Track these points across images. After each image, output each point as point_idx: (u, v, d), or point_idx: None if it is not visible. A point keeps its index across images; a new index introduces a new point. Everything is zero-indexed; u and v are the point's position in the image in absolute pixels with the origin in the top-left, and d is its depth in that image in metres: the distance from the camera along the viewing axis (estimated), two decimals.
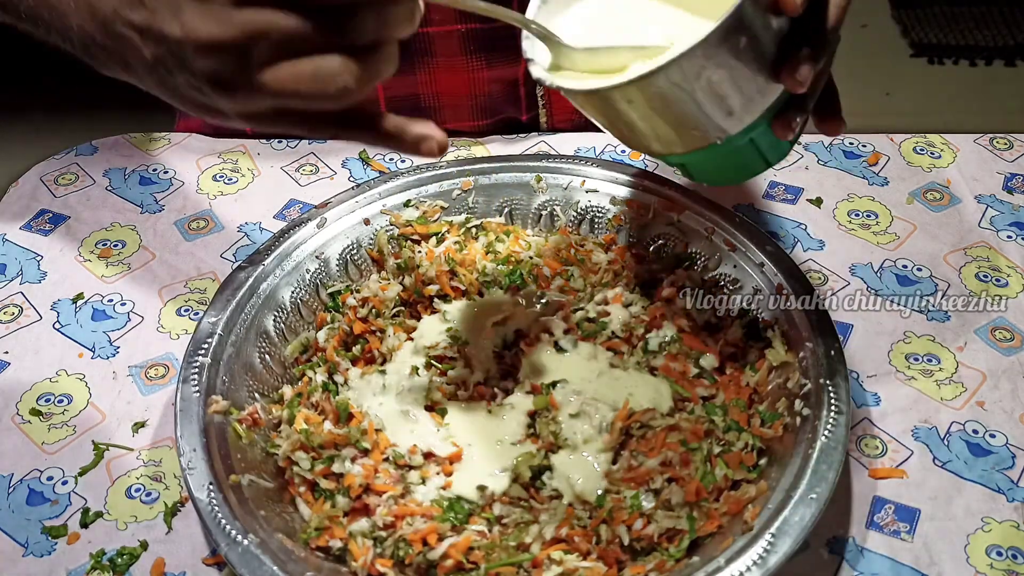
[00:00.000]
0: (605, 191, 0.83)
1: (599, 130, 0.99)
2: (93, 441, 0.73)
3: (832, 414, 0.65)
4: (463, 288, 0.78)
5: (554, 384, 0.71)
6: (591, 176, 0.84)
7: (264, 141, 0.99)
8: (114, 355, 0.79)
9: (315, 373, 0.73)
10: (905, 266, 0.85)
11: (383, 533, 0.63)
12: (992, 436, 0.72)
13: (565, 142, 0.98)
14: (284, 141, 0.99)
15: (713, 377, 0.72)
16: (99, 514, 0.69)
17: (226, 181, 0.95)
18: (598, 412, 0.68)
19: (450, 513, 0.64)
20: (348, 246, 0.81)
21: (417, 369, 0.73)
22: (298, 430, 0.68)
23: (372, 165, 0.96)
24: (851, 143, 0.98)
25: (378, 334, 0.76)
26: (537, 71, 0.61)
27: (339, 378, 0.73)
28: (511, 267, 0.79)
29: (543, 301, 0.77)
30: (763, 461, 0.67)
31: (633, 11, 0.64)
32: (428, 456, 0.68)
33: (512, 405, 0.70)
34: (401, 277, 0.79)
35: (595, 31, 0.63)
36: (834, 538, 0.66)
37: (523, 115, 1.00)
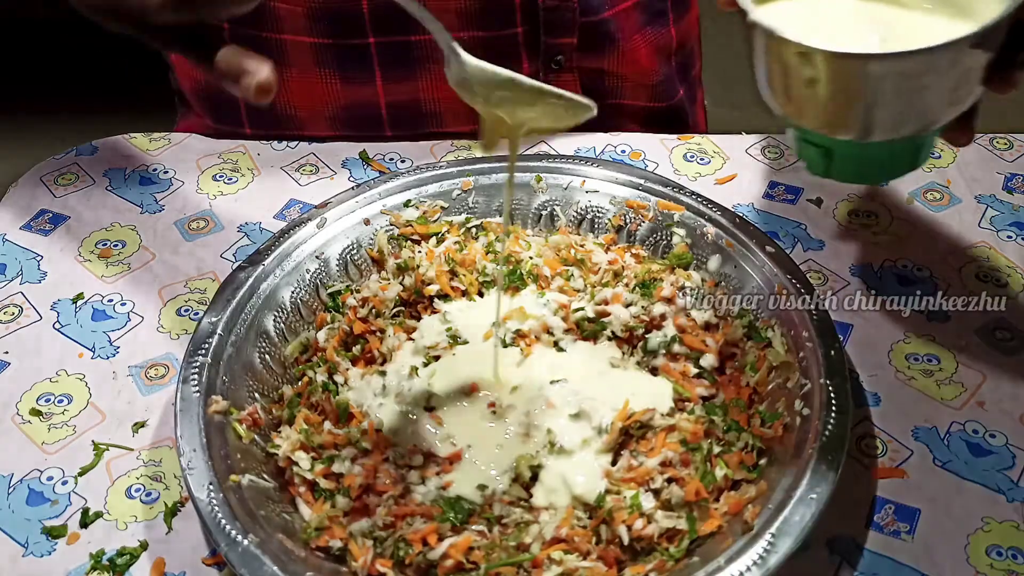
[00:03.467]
0: (605, 191, 0.83)
1: (599, 130, 1.00)
2: (93, 441, 0.73)
3: (832, 414, 0.65)
4: (463, 288, 0.78)
5: (554, 384, 0.71)
6: (591, 176, 0.84)
7: (264, 141, 0.99)
8: (114, 355, 0.79)
9: (315, 373, 0.73)
10: (905, 266, 0.85)
11: (383, 533, 0.63)
12: (992, 436, 0.72)
13: (565, 142, 0.98)
14: (284, 141, 0.99)
15: (713, 377, 0.72)
16: (99, 514, 0.69)
17: (226, 181, 0.95)
18: (598, 412, 0.68)
19: (450, 513, 0.64)
20: (348, 246, 0.81)
21: (417, 369, 0.73)
22: (298, 430, 0.68)
23: (372, 165, 0.96)
24: None
25: (378, 334, 0.76)
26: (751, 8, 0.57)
27: (339, 378, 0.73)
28: (511, 267, 0.79)
29: (543, 301, 0.77)
30: (763, 461, 0.67)
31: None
32: (428, 456, 0.68)
33: (512, 405, 0.70)
34: (401, 277, 0.79)
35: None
36: (834, 538, 0.66)
37: None
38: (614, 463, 0.67)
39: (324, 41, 0.93)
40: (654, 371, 0.73)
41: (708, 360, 0.72)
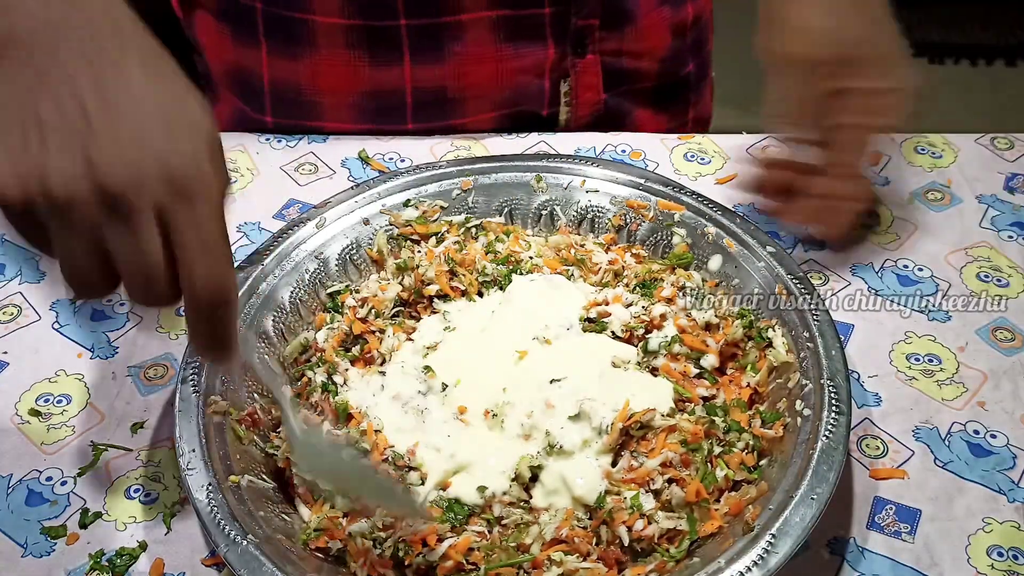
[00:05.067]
0: (605, 191, 0.83)
1: (600, 129, 1.00)
2: (92, 441, 0.73)
3: (833, 414, 0.64)
4: (463, 288, 0.78)
5: (553, 383, 0.70)
6: (591, 176, 0.84)
7: (263, 140, 0.99)
8: (113, 355, 0.79)
9: (314, 374, 0.73)
10: (906, 266, 0.85)
11: (382, 534, 0.63)
12: (993, 436, 0.72)
13: (565, 142, 0.98)
14: (283, 140, 0.99)
15: (714, 378, 0.72)
16: (98, 514, 0.69)
17: None
18: (598, 413, 0.68)
19: (450, 514, 0.64)
20: (347, 246, 0.81)
21: (430, 369, 0.72)
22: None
23: (372, 165, 0.95)
24: None
25: (377, 334, 0.76)
26: None
27: (338, 379, 0.73)
28: (511, 267, 0.79)
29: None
30: (763, 462, 0.66)
31: None
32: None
33: (511, 403, 0.70)
34: (400, 277, 0.79)
35: None
36: (835, 539, 0.66)
37: (544, 109, 1.00)
38: (614, 464, 0.67)
39: (355, 22, 0.94)
40: (654, 371, 0.72)
41: (709, 360, 0.72)
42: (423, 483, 0.66)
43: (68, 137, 0.47)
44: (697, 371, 0.72)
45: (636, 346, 0.74)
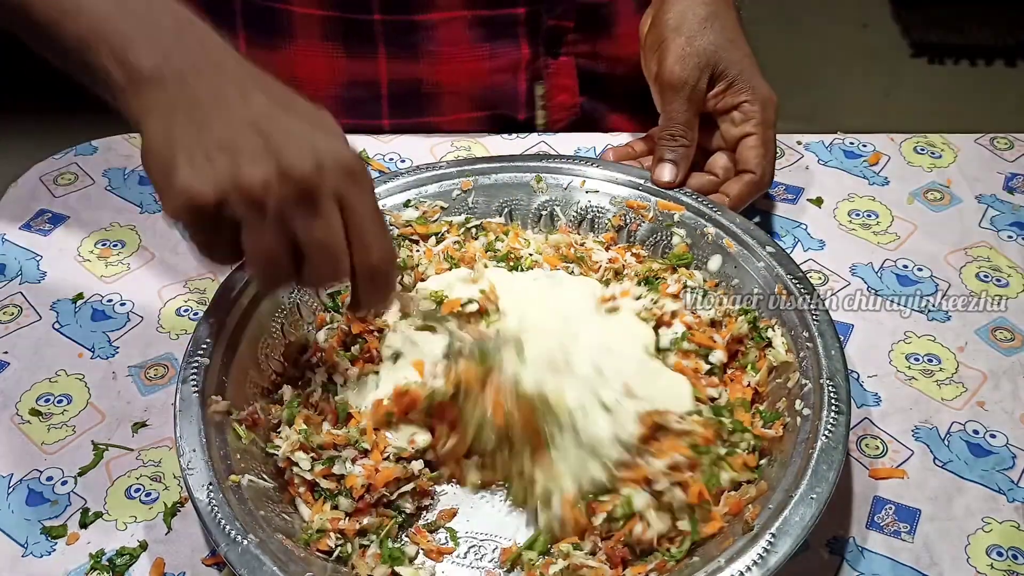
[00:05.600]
0: (605, 191, 0.83)
1: (598, 130, 1.00)
2: (93, 441, 0.73)
3: (832, 414, 0.64)
4: None
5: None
6: (591, 176, 0.84)
7: None
8: (114, 355, 0.79)
9: (314, 373, 0.73)
10: (906, 266, 0.85)
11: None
12: (992, 436, 0.72)
13: (565, 142, 0.98)
14: None
15: (722, 373, 0.72)
16: (99, 514, 0.69)
17: None
18: (625, 427, 0.64)
19: None
20: None
21: None
22: (297, 431, 0.68)
23: (372, 165, 0.95)
24: (852, 143, 0.98)
25: (376, 334, 0.76)
26: None
27: (339, 378, 0.73)
28: (511, 263, 0.79)
29: None
30: (763, 461, 0.66)
31: None
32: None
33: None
34: (400, 277, 0.79)
35: None
36: (834, 538, 0.66)
37: (521, 113, 1.00)
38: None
39: (331, 14, 0.94)
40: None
41: (717, 356, 0.72)
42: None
43: (254, 151, 0.56)
44: (707, 367, 0.72)
45: None
